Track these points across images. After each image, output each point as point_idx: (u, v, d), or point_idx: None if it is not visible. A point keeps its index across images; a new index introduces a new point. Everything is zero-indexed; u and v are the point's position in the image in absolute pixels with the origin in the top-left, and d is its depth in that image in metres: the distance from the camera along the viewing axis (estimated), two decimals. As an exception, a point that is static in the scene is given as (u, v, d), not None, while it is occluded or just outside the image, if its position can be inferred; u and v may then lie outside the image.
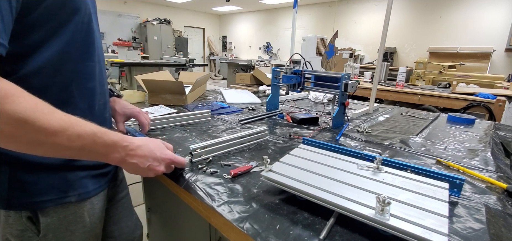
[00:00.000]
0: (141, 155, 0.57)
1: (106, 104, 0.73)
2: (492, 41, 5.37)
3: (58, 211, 0.59)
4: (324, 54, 3.21)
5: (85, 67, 0.60)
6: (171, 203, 1.02)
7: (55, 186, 0.58)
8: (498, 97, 2.53)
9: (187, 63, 5.36)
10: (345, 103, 1.18)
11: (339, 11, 7.80)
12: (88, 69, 0.61)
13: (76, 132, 0.46)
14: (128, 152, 0.55)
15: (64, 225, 0.61)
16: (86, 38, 0.59)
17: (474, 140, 1.11)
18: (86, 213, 0.64)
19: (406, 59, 6.66)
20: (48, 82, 0.53)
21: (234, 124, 1.18)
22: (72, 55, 0.56)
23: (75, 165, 0.61)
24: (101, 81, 0.66)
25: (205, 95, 1.88)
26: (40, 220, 0.57)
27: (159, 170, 0.61)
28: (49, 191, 0.57)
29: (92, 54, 0.61)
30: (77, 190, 0.61)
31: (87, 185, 0.63)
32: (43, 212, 0.57)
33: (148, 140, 0.61)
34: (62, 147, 0.46)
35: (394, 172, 0.62)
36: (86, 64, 0.60)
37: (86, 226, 0.65)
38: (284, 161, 0.67)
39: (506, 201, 0.62)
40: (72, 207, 0.61)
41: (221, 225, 0.56)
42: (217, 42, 12.19)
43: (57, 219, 0.59)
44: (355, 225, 0.49)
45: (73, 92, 0.56)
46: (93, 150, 0.50)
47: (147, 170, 0.59)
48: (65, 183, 0.59)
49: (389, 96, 3.18)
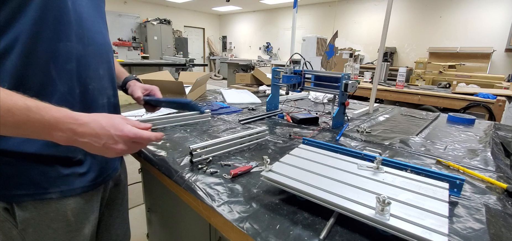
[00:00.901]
0: (92, 133, 0.51)
1: (104, 90, 0.68)
2: (492, 41, 5.37)
3: (38, 206, 0.58)
4: (324, 54, 3.21)
5: (62, 47, 0.56)
6: (171, 203, 1.02)
7: (34, 181, 0.56)
8: (498, 97, 2.53)
9: (187, 63, 5.36)
10: (345, 103, 1.18)
11: (339, 11, 7.80)
12: (66, 49, 0.57)
13: (6, 106, 0.42)
14: (75, 131, 0.49)
15: (45, 221, 0.59)
16: (59, 17, 0.55)
17: (474, 140, 1.11)
18: (69, 212, 0.62)
19: (406, 59, 6.66)
20: (21, 62, 0.51)
21: (234, 124, 1.18)
22: (44, 35, 0.53)
23: (57, 160, 0.58)
24: (86, 64, 0.62)
25: (205, 95, 1.88)
26: (16, 213, 0.56)
27: (118, 148, 0.54)
28: (27, 186, 0.56)
29: (69, 34, 0.57)
30: (59, 187, 0.59)
31: (72, 182, 0.61)
32: (20, 206, 0.56)
33: (99, 116, 0.54)
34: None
35: (394, 172, 0.62)
36: (63, 43, 0.56)
37: (70, 225, 0.63)
38: (284, 161, 0.67)
39: (506, 201, 0.62)
40: (54, 204, 0.59)
41: (221, 225, 0.56)
42: (217, 42, 12.19)
43: (37, 215, 0.58)
44: (355, 225, 0.50)
45: (52, 74, 0.54)
46: (30, 127, 0.45)
47: (104, 149, 0.53)
48: (45, 178, 0.57)
49: (389, 96, 3.18)
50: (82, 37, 0.60)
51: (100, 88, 0.67)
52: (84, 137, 0.50)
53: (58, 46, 0.56)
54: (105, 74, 0.69)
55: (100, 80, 0.67)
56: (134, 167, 1.17)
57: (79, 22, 0.59)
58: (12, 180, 0.55)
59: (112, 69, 0.73)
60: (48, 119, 0.46)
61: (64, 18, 0.56)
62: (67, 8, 0.56)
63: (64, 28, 0.56)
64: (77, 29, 0.59)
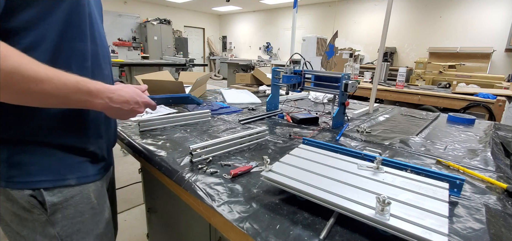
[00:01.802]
0: (123, 100, 0.63)
1: None
2: (492, 41, 5.37)
3: (63, 191, 0.61)
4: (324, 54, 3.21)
5: (82, 46, 0.62)
6: (171, 203, 1.02)
7: (52, 168, 0.59)
8: (498, 97, 2.53)
9: (187, 63, 5.36)
10: (345, 103, 1.18)
11: (339, 11, 7.80)
12: (85, 49, 0.63)
13: (62, 80, 0.51)
14: (111, 98, 0.60)
15: (72, 204, 0.62)
16: (80, 19, 0.61)
17: (474, 140, 1.11)
18: (92, 194, 0.66)
19: (406, 59, 6.66)
20: (47, 59, 0.54)
21: (234, 124, 1.18)
22: (69, 34, 0.58)
23: (70, 149, 0.62)
24: (98, 63, 0.67)
25: (205, 95, 1.88)
26: (46, 198, 0.59)
27: (141, 111, 0.69)
28: (47, 172, 0.59)
29: (86, 35, 0.63)
30: (75, 174, 0.63)
31: (86, 169, 0.65)
32: (48, 190, 0.59)
33: (126, 86, 0.67)
34: (50, 94, 0.50)
35: (394, 172, 0.62)
36: (82, 43, 0.62)
37: (94, 208, 0.67)
38: (284, 161, 0.67)
39: (506, 201, 0.62)
40: (77, 188, 0.63)
41: (221, 225, 0.56)
42: (217, 42, 12.19)
43: (63, 199, 0.61)
44: (355, 225, 0.49)
45: (73, 71, 0.57)
46: (79, 97, 0.54)
47: (130, 112, 0.66)
48: (62, 166, 0.61)
49: (389, 96, 3.18)
50: (94, 38, 0.66)
51: (104, 76, 0.72)
52: (117, 103, 0.61)
53: (79, 45, 0.61)
54: (109, 74, 0.75)
55: (106, 79, 0.71)
56: (134, 167, 1.18)
57: (91, 25, 0.64)
58: (34, 167, 0.58)
59: (111, 69, 0.78)
60: (92, 89, 0.56)
61: (83, 20, 0.61)
62: (84, 11, 0.62)
63: (83, 30, 0.62)
64: (91, 31, 0.64)
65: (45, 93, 0.49)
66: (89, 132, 0.66)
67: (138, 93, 0.69)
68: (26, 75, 0.46)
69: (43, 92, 0.49)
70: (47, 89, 0.49)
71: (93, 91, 0.57)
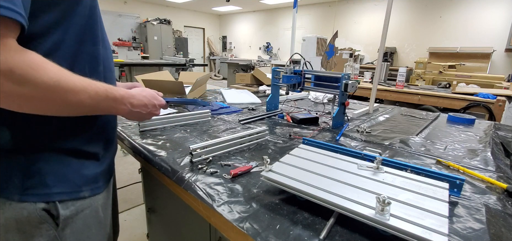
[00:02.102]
0: (143, 104, 0.67)
1: None
2: (492, 41, 5.37)
3: (76, 204, 0.59)
4: (324, 54, 3.21)
5: (95, 50, 0.62)
6: (171, 203, 1.02)
7: (69, 179, 0.57)
8: (498, 97, 2.53)
9: (187, 63, 5.36)
10: (345, 103, 1.18)
11: (339, 11, 7.80)
12: (98, 53, 0.63)
13: (94, 89, 0.53)
14: (132, 103, 0.63)
15: (81, 218, 0.60)
16: (95, 23, 0.61)
17: (474, 140, 1.11)
18: (100, 208, 0.65)
19: (406, 59, 6.66)
20: (66, 63, 0.53)
21: (234, 124, 1.18)
22: (86, 39, 0.58)
23: (85, 155, 0.61)
24: (109, 67, 0.67)
25: (205, 95, 1.88)
26: (60, 212, 0.56)
27: (158, 113, 0.74)
28: (63, 184, 0.56)
29: (99, 39, 0.63)
30: (89, 185, 0.61)
31: (98, 179, 0.64)
32: (62, 203, 0.56)
33: (143, 90, 0.71)
34: (85, 104, 0.52)
35: (394, 172, 0.62)
36: (96, 47, 0.62)
37: (101, 222, 0.66)
38: (284, 161, 0.67)
39: (506, 201, 0.62)
40: (88, 201, 0.61)
41: (221, 225, 0.56)
42: (217, 42, 12.19)
43: (75, 213, 0.59)
44: (355, 225, 0.49)
45: (88, 75, 0.56)
46: (107, 104, 0.57)
47: (148, 115, 0.70)
48: (78, 176, 0.59)
49: (389, 96, 3.18)
50: (104, 41, 0.66)
51: (112, 78, 0.72)
52: (137, 107, 0.65)
53: (92, 49, 0.61)
54: (114, 76, 0.74)
55: (112, 81, 0.71)
56: (134, 167, 1.18)
57: (101, 28, 0.64)
58: (51, 177, 0.55)
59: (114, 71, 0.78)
60: (117, 96, 0.59)
61: (96, 24, 0.62)
62: (97, 14, 0.62)
63: (96, 33, 0.62)
64: (101, 34, 0.64)
65: (81, 103, 0.51)
66: (101, 136, 0.65)
67: (154, 96, 0.72)
68: (65, 87, 0.47)
69: (79, 103, 0.50)
70: (82, 99, 0.50)
71: (118, 98, 0.59)
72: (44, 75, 0.45)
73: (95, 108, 0.54)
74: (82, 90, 0.50)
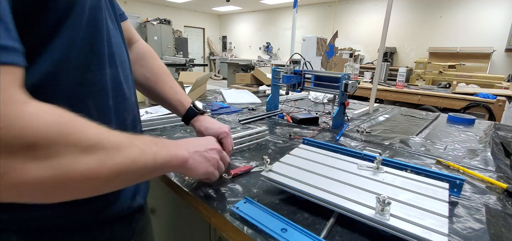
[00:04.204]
0: (192, 167, 0.52)
1: (131, 108, 0.56)
2: (492, 41, 5.37)
3: None
4: (324, 54, 3.21)
5: (101, 77, 0.45)
6: (171, 203, 1.02)
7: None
8: (498, 97, 2.53)
9: (187, 63, 5.37)
10: (345, 103, 1.18)
11: (339, 11, 7.80)
12: (104, 79, 0.46)
13: (145, 158, 0.40)
14: (183, 167, 0.50)
15: None
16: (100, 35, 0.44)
17: (474, 140, 1.11)
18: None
19: (406, 59, 6.66)
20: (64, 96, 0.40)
21: (234, 124, 1.18)
22: (74, 62, 0.40)
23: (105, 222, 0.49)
24: (121, 94, 0.51)
25: (205, 95, 1.88)
26: None
27: (217, 174, 0.59)
28: None
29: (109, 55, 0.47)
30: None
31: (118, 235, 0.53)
32: None
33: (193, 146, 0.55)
34: (140, 175, 0.42)
35: (394, 172, 0.62)
36: (101, 73, 0.45)
37: None
38: (284, 161, 0.67)
39: (506, 201, 0.62)
40: None
41: (221, 225, 0.56)
42: (217, 42, 12.19)
43: None
44: (355, 225, 0.49)
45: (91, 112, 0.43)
46: (156, 172, 0.45)
47: (207, 174, 0.56)
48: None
49: (389, 96, 3.18)
50: (113, 59, 0.49)
51: (128, 108, 0.55)
52: (190, 171, 0.52)
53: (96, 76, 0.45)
54: (132, 94, 0.57)
55: (128, 101, 0.55)
56: (134, 167, 1.18)
57: (109, 39, 0.48)
58: None
59: (134, 85, 0.61)
60: (162, 162, 0.44)
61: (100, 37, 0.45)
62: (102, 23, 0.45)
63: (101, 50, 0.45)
64: (109, 48, 0.48)
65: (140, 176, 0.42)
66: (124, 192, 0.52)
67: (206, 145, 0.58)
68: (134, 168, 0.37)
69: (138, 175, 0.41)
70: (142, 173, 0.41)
71: (163, 165, 0.45)
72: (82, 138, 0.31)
73: (145, 177, 0.44)
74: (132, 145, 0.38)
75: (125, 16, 0.66)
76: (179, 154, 0.48)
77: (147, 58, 0.74)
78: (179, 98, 0.73)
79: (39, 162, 0.27)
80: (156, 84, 0.72)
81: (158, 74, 0.73)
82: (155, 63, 0.74)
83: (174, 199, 0.98)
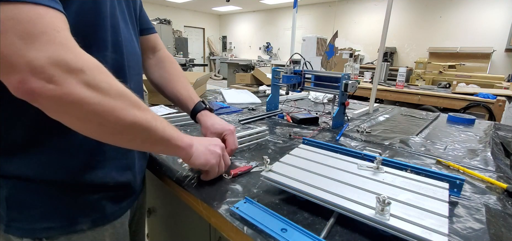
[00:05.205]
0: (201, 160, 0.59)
1: None
2: (492, 41, 5.37)
3: (71, 238, 0.50)
4: (324, 54, 3.21)
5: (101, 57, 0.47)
6: (171, 203, 1.02)
7: (61, 211, 0.48)
8: (498, 97, 2.53)
9: (187, 63, 5.37)
10: (345, 103, 1.18)
11: (339, 11, 7.80)
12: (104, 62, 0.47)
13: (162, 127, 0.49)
14: (190, 157, 0.57)
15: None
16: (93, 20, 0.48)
17: (474, 140, 1.11)
18: (107, 239, 0.56)
19: (406, 59, 6.66)
20: None
21: (234, 124, 1.18)
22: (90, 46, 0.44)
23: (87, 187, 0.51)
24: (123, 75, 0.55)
25: (205, 95, 1.88)
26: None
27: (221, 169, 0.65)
28: (53, 217, 0.48)
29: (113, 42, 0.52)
30: (90, 216, 0.52)
31: (104, 208, 0.54)
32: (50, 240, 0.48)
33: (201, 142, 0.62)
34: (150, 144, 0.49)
35: (394, 172, 0.62)
36: (101, 53, 0.49)
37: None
38: (284, 161, 0.67)
39: (506, 201, 0.62)
40: (90, 233, 0.52)
41: (221, 225, 0.56)
42: (217, 42, 12.19)
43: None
44: (355, 225, 0.49)
45: None
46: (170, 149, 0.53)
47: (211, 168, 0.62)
48: (74, 208, 0.50)
49: (389, 96, 3.18)
50: (118, 46, 0.54)
51: None
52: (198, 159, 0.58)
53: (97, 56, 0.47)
54: (136, 88, 0.61)
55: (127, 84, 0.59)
56: (134, 167, 1.18)
57: (114, 26, 0.52)
58: (36, 210, 0.47)
59: (142, 83, 0.69)
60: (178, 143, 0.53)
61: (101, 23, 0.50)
62: (103, 13, 0.50)
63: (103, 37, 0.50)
64: (114, 36, 0.52)
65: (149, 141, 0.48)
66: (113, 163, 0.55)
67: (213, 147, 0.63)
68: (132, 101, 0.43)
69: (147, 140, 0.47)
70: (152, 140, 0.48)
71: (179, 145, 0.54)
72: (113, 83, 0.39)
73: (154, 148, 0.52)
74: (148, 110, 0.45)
75: (154, 30, 0.78)
76: (185, 138, 0.55)
77: (166, 62, 0.81)
78: (189, 94, 0.80)
79: (82, 84, 0.36)
80: (170, 82, 0.79)
81: (173, 74, 0.80)
82: (172, 66, 0.82)
83: (174, 199, 0.98)
